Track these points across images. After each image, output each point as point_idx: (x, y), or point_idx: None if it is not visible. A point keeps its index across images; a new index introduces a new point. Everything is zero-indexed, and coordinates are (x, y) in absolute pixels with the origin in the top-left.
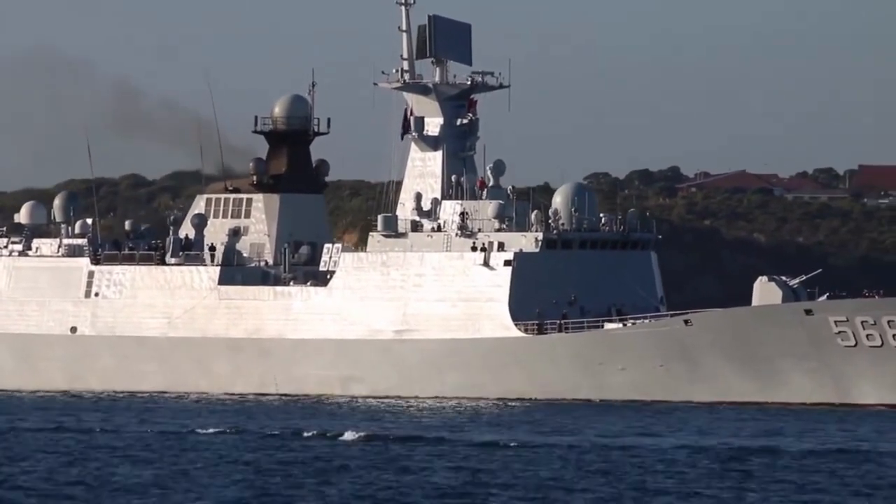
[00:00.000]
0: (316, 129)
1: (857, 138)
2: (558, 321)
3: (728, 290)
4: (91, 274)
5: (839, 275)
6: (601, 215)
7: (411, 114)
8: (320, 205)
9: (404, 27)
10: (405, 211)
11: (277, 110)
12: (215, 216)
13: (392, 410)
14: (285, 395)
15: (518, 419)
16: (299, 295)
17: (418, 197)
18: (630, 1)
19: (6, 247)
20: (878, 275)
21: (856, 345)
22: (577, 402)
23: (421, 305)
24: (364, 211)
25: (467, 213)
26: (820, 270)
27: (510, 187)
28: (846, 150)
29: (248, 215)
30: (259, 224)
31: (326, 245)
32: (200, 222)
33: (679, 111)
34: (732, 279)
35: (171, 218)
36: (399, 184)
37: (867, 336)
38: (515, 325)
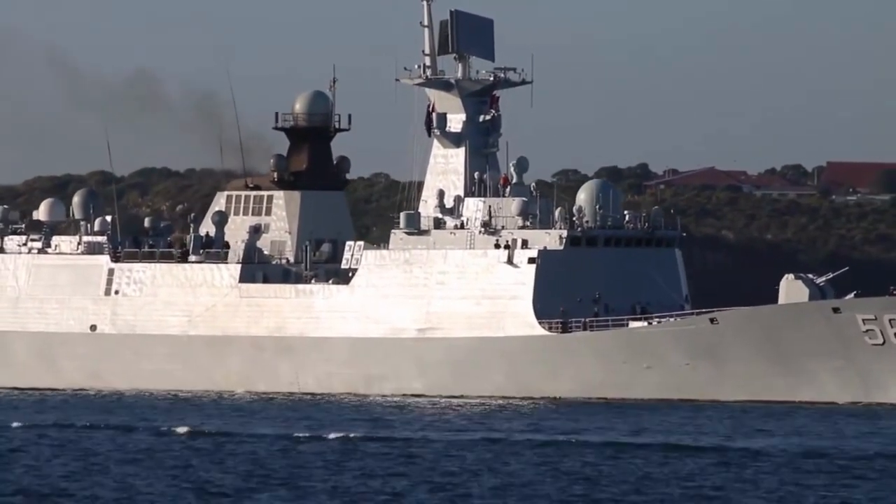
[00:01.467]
0: (337, 126)
1: (825, 135)
2: (583, 319)
3: (697, 287)
4: (111, 271)
5: (809, 272)
6: (625, 212)
7: (433, 110)
8: (341, 202)
9: (426, 22)
10: (427, 208)
11: (298, 106)
12: (236, 213)
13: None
14: (307, 393)
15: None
16: (321, 293)
17: (441, 194)
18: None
19: (25, 244)
20: (847, 271)
21: (884, 343)
22: (602, 401)
23: (444, 303)
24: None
25: (494, 210)
26: (847, 269)
27: (533, 184)
28: (814, 146)
29: (268, 212)
30: (280, 221)
31: (348, 242)
32: (221, 219)
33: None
34: (701, 276)
35: (192, 215)
36: (421, 181)
37: (895, 335)
38: (539, 323)
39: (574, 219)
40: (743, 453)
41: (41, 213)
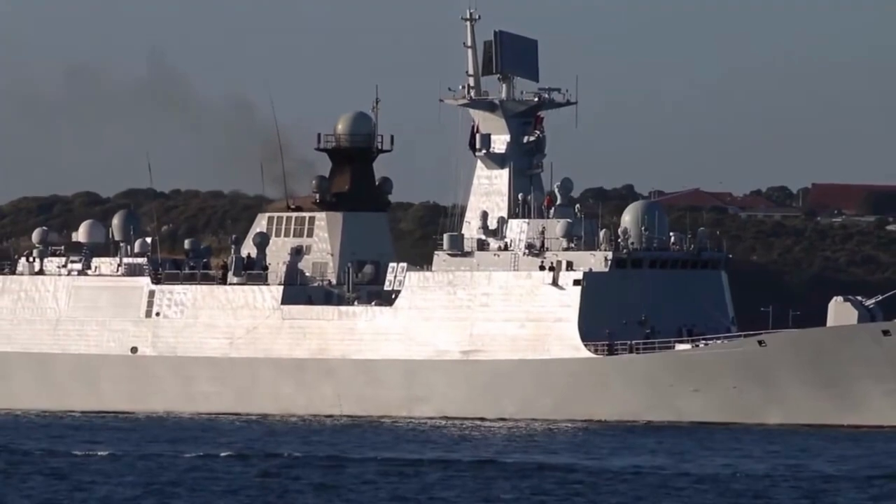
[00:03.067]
0: (379, 147)
1: (810, 157)
2: (629, 342)
3: None
4: (152, 293)
5: (795, 293)
6: (671, 234)
7: (478, 130)
8: (384, 223)
9: (469, 43)
10: (471, 230)
11: (341, 127)
12: (277, 235)
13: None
14: (350, 416)
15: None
16: (364, 315)
17: (484, 215)
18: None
19: (65, 265)
20: (832, 293)
21: None
22: (650, 424)
23: (488, 325)
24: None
25: (545, 232)
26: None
27: (578, 205)
28: (799, 168)
29: (310, 234)
30: (322, 243)
31: (391, 264)
32: (262, 241)
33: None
34: None
35: (233, 237)
36: (465, 203)
37: None
38: (585, 345)
39: (619, 240)
40: None
41: (80, 235)
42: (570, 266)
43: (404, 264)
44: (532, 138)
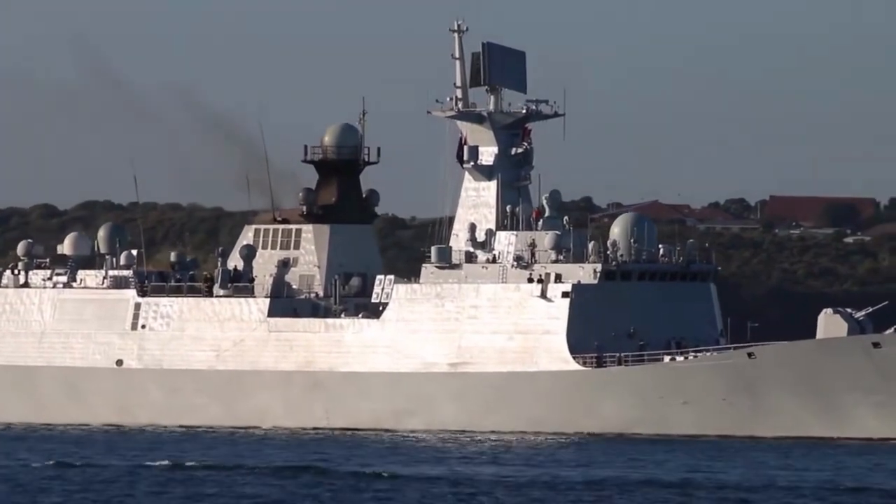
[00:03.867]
0: (366, 159)
1: (768, 169)
2: (618, 354)
3: None
4: (138, 306)
5: (752, 305)
6: (660, 246)
7: (465, 142)
8: (370, 236)
9: (457, 55)
10: (459, 242)
11: (327, 139)
12: (264, 247)
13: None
14: (337, 428)
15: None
16: (351, 327)
17: (472, 227)
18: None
19: (50, 278)
20: (790, 305)
21: None
22: (638, 437)
23: (476, 338)
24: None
25: (534, 245)
26: (887, 303)
27: (566, 217)
28: (757, 180)
29: (297, 246)
30: (309, 255)
31: (378, 276)
32: (249, 253)
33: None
34: None
35: (219, 249)
36: (452, 215)
37: None
38: (574, 358)
39: (608, 252)
40: None
41: (66, 248)
42: (558, 278)
43: (391, 276)
44: (520, 150)
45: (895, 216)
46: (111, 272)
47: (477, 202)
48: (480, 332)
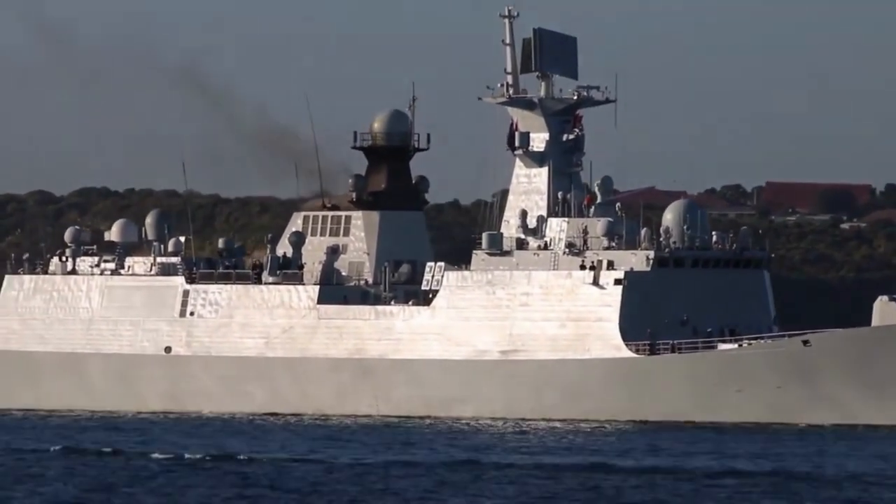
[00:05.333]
0: (416, 145)
1: (764, 155)
2: (671, 341)
3: None
4: (186, 293)
5: None
6: (713, 233)
7: (516, 129)
8: (420, 222)
9: (508, 41)
10: (510, 228)
11: (377, 125)
12: (313, 234)
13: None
14: (387, 416)
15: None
16: (401, 314)
17: (524, 214)
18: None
19: (98, 265)
20: (785, 292)
21: None
22: (693, 424)
23: (527, 325)
24: (274, 227)
25: (587, 231)
26: None
27: (618, 204)
28: (754, 166)
29: (346, 233)
30: (358, 242)
31: (429, 263)
32: (298, 240)
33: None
34: None
35: (269, 236)
36: (503, 200)
37: None
38: (626, 345)
39: (661, 239)
40: None
41: (113, 234)
42: (610, 265)
43: (442, 264)
44: (571, 136)
45: (891, 202)
46: (159, 259)
47: (528, 189)
48: (532, 320)
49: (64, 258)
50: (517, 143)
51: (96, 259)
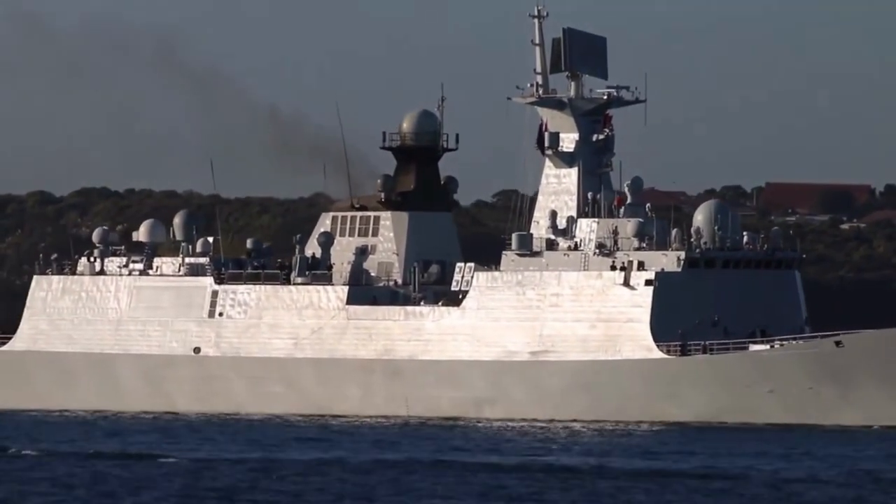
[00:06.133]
0: (445, 145)
1: (764, 156)
2: (702, 342)
3: None
4: (215, 293)
5: None
6: (744, 233)
7: (546, 129)
8: (449, 223)
9: (538, 40)
10: (539, 229)
11: (406, 125)
12: (342, 234)
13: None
14: (417, 417)
15: None
16: (431, 315)
17: (553, 215)
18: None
19: (126, 265)
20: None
21: None
22: (721, 426)
23: (558, 326)
24: (274, 227)
25: (617, 232)
26: None
27: (648, 205)
28: (754, 167)
29: (375, 233)
30: (387, 243)
31: (458, 264)
32: (327, 241)
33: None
34: None
35: (297, 237)
36: (533, 200)
37: None
38: (657, 346)
39: (692, 240)
40: None
41: (141, 235)
42: (641, 266)
43: (472, 264)
44: (601, 137)
45: (891, 203)
46: (188, 259)
47: (558, 189)
48: (562, 320)
49: (92, 258)
50: (547, 144)
51: (124, 259)
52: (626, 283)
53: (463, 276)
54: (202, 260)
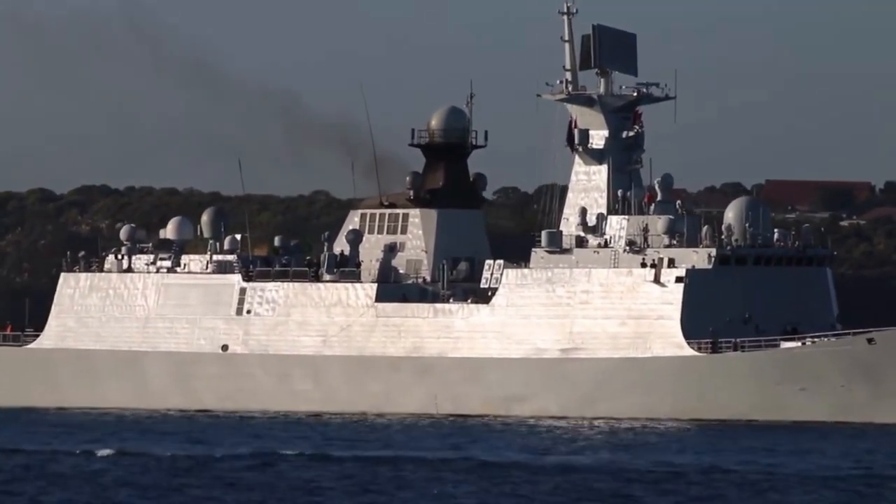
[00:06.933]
0: (474, 142)
1: (764, 153)
2: (733, 340)
3: None
4: (243, 291)
5: None
6: (775, 230)
7: (576, 126)
8: (478, 220)
9: (567, 37)
10: (569, 226)
11: (434, 123)
12: (370, 232)
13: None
14: (447, 415)
15: None
16: (460, 312)
17: (583, 212)
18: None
19: (153, 263)
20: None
21: None
22: (755, 423)
23: (588, 323)
24: (273, 225)
25: (647, 229)
26: None
27: (679, 202)
28: (753, 164)
29: (404, 231)
30: (416, 240)
31: (487, 261)
32: (355, 238)
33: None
34: None
35: (326, 234)
36: (562, 197)
37: None
38: (688, 343)
39: (723, 237)
40: None
41: (168, 232)
42: (672, 263)
43: (501, 261)
44: (631, 133)
45: (891, 200)
46: (215, 257)
47: (587, 186)
48: (592, 318)
49: (119, 256)
50: (576, 141)
51: (152, 257)
52: (657, 281)
53: (492, 274)
54: (230, 257)
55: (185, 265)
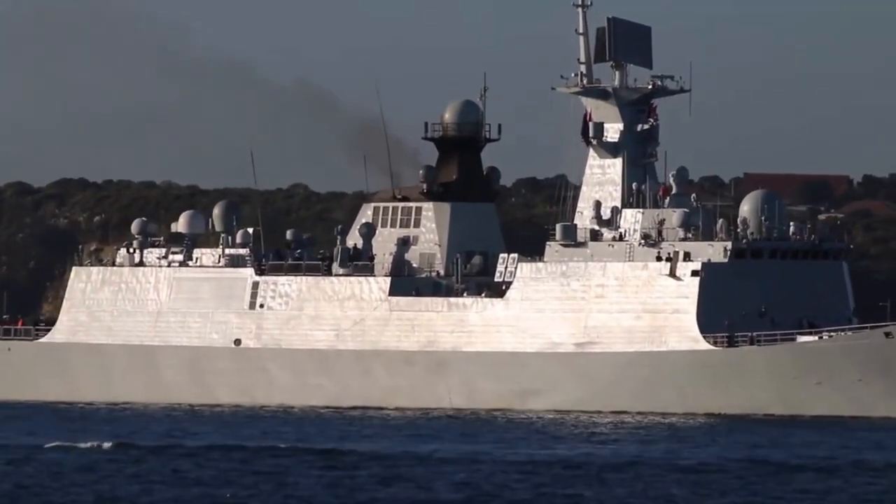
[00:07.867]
0: (487, 136)
1: (742, 146)
2: (750, 333)
3: None
4: (255, 285)
5: None
6: (790, 224)
7: (590, 119)
8: (492, 213)
9: (581, 30)
10: (584, 220)
11: (448, 116)
12: (383, 225)
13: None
14: (460, 409)
15: None
16: (474, 306)
17: (598, 205)
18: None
19: (165, 257)
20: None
21: None
22: (769, 418)
23: (603, 317)
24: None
25: (662, 223)
26: None
27: (694, 195)
28: (732, 157)
29: (417, 224)
30: (429, 234)
31: (501, 255)
32: (368, 231)
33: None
34: None
35: (339, 227)
36: (577, 190)
37: None
38: (704, 337)
39: (738, 230)
40: None
41: (180, 226)
42: (687, 256)
43: (515, 255)
44: (646, 127)
45: (869, 193)
46: (227, 250)
47: (602, 179)
48: (607, 312)
49: (131, 250)
50: (591, 134)
51: (164, 251)
52: (672, 274)
53: (506, 267)
54: (242, 251)
55: (197, 259)
